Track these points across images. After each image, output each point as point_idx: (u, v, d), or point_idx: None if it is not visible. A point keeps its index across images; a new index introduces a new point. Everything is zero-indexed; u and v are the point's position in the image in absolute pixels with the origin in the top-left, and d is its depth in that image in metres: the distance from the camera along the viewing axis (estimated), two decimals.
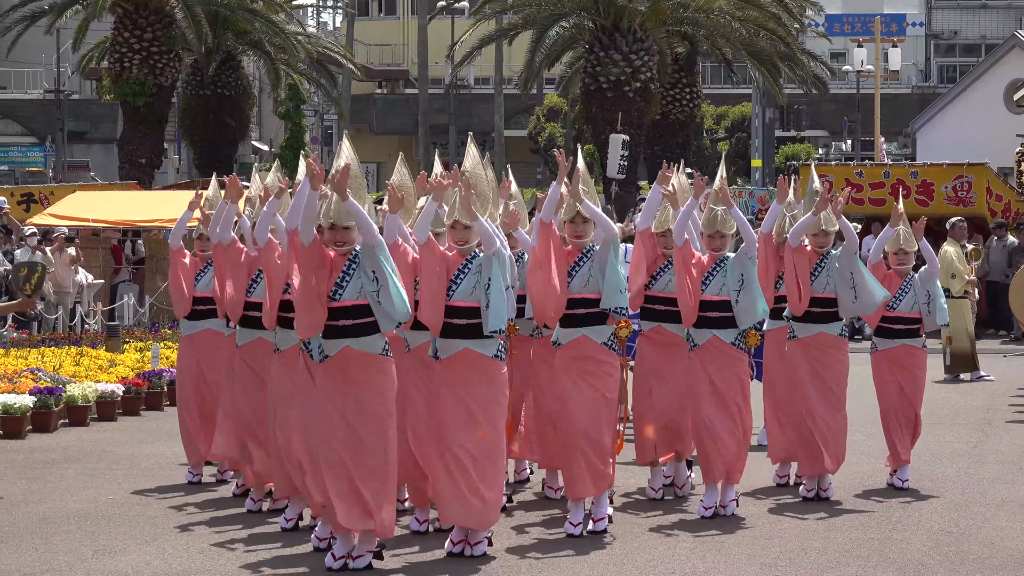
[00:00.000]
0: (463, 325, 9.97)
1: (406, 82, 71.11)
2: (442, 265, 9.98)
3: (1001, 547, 10.52)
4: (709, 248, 11.36)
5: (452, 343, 10.01)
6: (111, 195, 30.51)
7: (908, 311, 12.62)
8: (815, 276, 12.08)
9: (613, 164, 37.21)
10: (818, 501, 11.97)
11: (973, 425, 16.71)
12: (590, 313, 10.62)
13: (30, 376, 17.22)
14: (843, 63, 60.55)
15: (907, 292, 12.62)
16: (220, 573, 9.65)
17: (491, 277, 9.88)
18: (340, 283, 9.59)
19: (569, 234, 10.69)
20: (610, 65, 39.66)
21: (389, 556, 9.90)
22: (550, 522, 11.04)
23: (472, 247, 10.03)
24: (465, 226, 9.99)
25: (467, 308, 9.95)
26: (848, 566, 9.93)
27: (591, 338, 10.65)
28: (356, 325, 9.59)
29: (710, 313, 11.27)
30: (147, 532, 11.00)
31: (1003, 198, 31.05)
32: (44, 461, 14.31)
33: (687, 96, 43.75)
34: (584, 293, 10.61)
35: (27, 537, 10.80)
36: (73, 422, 16.67)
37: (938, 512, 11.78)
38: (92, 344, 21.35)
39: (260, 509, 11.58)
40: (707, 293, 11.27)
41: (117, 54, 40.37)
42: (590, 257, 10.64)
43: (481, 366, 10.01)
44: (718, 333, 11.30)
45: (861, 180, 31.60)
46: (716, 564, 9.96)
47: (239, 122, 44.36)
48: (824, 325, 12.11)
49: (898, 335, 12.68)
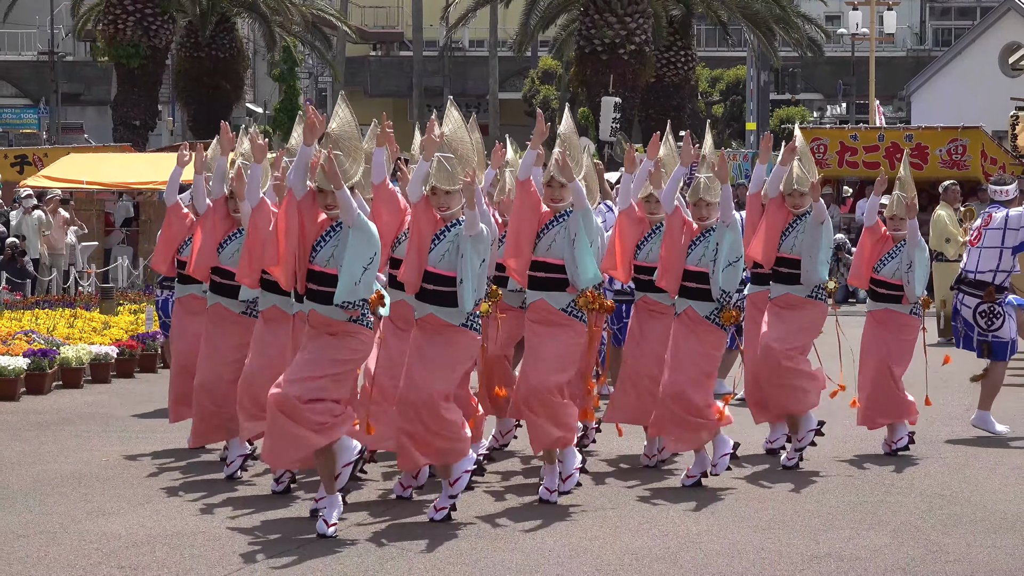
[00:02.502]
0: (430, 290, 9.94)
1: (400, 44, 70.98)
2: (429, 226, 9.93)
3: (993, 510, 10.52)
4: (695, 217, 11.23)
5: (422, 307, 10.00)
6: (105, 157, 30.49)
7: (890, 276, 12.53)
8: (784, 236, 12.01)
9: (605, 127, 37.25)
10: (810, 467, 11.95)
11: (967, 389, 16.70)
12: (548, 278, 10.60)
13: (24, 338, 17.21)
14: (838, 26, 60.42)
15: (893, 257, 12.54)
16: (212, 535, 9.65)
17: (466, 255, 9.83)
18: (316, 246, 9.60)
19: (546, 197, 10.65)
20: (604, 28, 39.58)
21: (368, 520, 9.91)
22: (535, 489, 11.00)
23: (453, 213, 9.95)
24: (446, 192, 9.93)
25: (434, 274, 9.91)
26: (842, 528, 9.93)
27: (549, 303, 10.62)
28: (320, 292, 9.60)
29: (689, 283, 11.18)
30: (140, 494, 10.99)
31: (997, 161, 31.03)
32: (38, 423, 14.30)
33: (682, 59, 43.69)
34: (546, 257, 10.57)
35: (20, 499, 10.80)
36: (67, 384, 16.67)
37: (931, 475, 11.79)
38: (86, 306, 21.35)
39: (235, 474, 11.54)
40: (688, 263, 11.16)
41: (111, 16, 40.29)
42: (561, 222, 10.57)
43: (442, 330, 9.96)
44: (693, 304, 11.19)
45: (856, 143, 31.58)
46: (709, 527, 9.96)
47: (233, 84, 44.30)
48: (790, 287, 12.03)
49: (883, 299, 12.63)
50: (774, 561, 9.08)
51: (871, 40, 48.50)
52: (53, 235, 26.28)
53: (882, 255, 12.54)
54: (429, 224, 9.96)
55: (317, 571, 8.79)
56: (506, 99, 64.95)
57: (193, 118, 44.33)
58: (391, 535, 9.68)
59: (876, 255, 12.55)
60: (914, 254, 12.39)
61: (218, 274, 11.71)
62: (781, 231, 12.03)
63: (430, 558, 9.11)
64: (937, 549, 9.41)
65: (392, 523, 9.98)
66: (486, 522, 10.01)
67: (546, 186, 10.65)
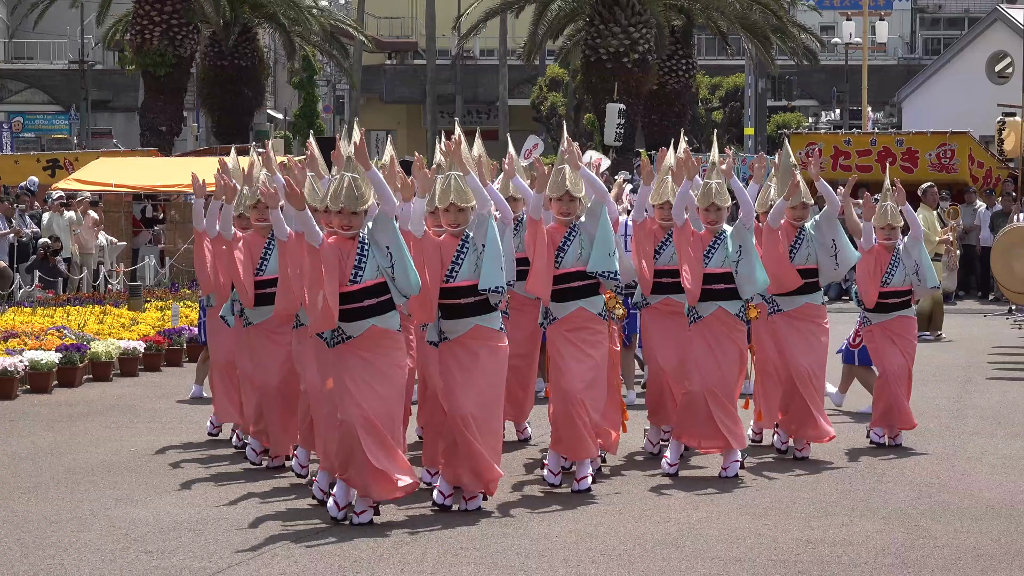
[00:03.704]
0: (470, 304, 9.89)
1: (414, 53, 70.92)
2: (437, 255, 9.88)
3: (980, 498, 10.52)
4: (705, 221, 11.12)
5: (462, 323, 9.90)
6: (133, 161, 30.52)
7: (900, 284, 12.44)
8: (796, 249, 11.85)
9: (610, 132, 37.25)
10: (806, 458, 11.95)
11: (954, 382, 16.72)
12: (585, 285, 10.56)
13: (56, 334, 17.25)
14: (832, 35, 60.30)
15: (897, 266, 12.42)
16: (234, 521, 9.67)
17: (485, 239, 9.79)
18: (358, 265, 9.54)
19: (556, 211, 10.57)
20: (609, 37, 39.55)
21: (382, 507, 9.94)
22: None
23: (464, 229, 9.92)
24: (459, 208, 9.87)
25: (472, 287, 9.85)
26: (835, 516, 9.93)
27: (587, 309, 10.58)
28: (380, 303, 9.57)
29: (715, 286, 11.07)
30: (166, 482, 11.01)
31: (984, 165, 31.06)
32: (69, 415, 14.33)
33: (683, 67, 43.62)
34: (578, 267, 10.52)
35: (53, 487, 10.83)
36: (97, 377, 16.70)
37: (921, 465, 11.79)
38: (115, 303, 21.40)
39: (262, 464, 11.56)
40: (710, 266, 11.06)
41: (139, 26, 40.31)
42: (577, 231, 10.55)
43: (488, 337, 9.93)
44: (723, 304, 11.13)
45: (849, 148, 31.58)
46: (709, 515, 9.96)
47: (255, 91, 44.29)
48: (807, 296, 11.91)
49: (893, 308, 12.50)
50: (770, 546, 9.09)
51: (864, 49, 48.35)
52: (83, 235, 26.31)
53: (885, 269, 12.44)
54: (439, 250, 9.89)
55: (335, 555, 8.81)
56: (515, 105, 64.86)
57: (216, 124, 44.33)
58: (405, 522, 9.70)
59: (880, 271, 12.43)
60: (915, 251, 12.40)
61: (259, 287, 11.51)
62: (790, 246, 11.92)
63: (443, 543, 9.13)
64: (926, 535, 9.42)
65: (405, 511, 10.00)
66: (496, 509, 10.03)
67: (556, 201, 10.58)
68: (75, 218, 26.28)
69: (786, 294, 11.85)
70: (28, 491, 10.67)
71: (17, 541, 9.15)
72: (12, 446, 12.54)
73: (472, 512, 9.87)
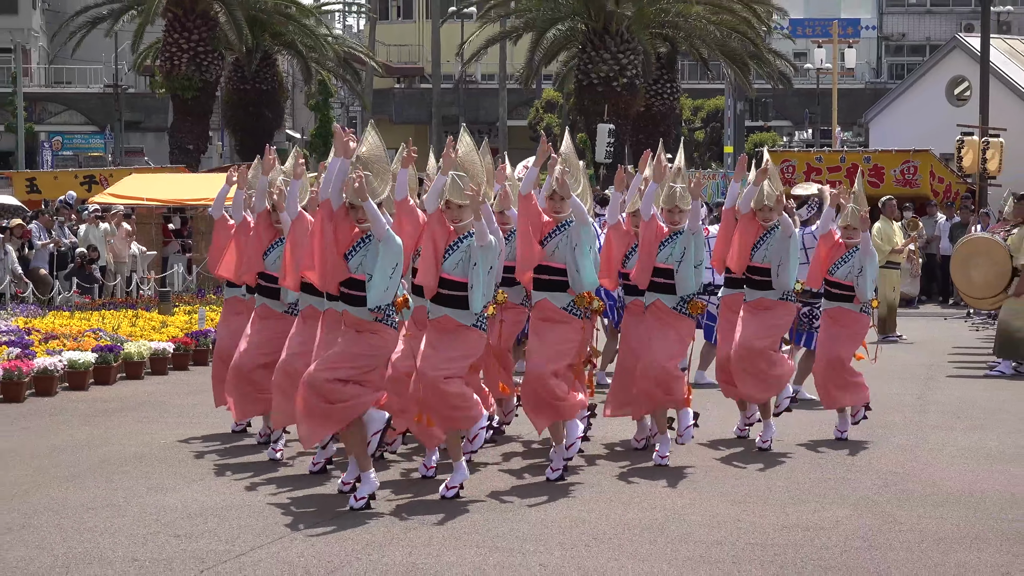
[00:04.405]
0: (444, 295, 9.92)
1: (421, 78, 70.95)
2: (443, 236, 9.94)
3: (941, 486, 10.52)
4: (668, 221, 11.27)
5: (437, 309, 9.97)
6: (162, 177, 30.51)
7: (843, 278, 12.46)
8: (756, 247, 11.96)
9: (601, 150, 37.32)
10: (779, 448, 11.95)
11: (917, 379, 16.72)
12: (552, 280, 10.59)
13: (92, 335, 17.24)
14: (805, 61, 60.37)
15: (846, 262, 12.47)
16: (256, 507, 9.66)
17: (478, 263, 9.84)
18: (348, 254, 9.60)
19: (548, 208, 10.66)
20: (600, 63, 39.55)
21: (393, 496, 9.93)
22: (538, 468, 11.02)
23: (465, 226, 9.94)
24: (458, 205, 9.94)
25: (449, 280, 9.90)
26: (808, 502, 9.93)
27: (552, 303, 10.62)
28: (351, 295, 9.61)
29: (656, 279, 11.21)
30: (193, 472, 11.01)
31: (944, 180, 31.07)
32: (104, 410, 14.32)
33: (668, 91, 43.61)
34: (549, 262, 10.57)
35: (90, 476, 10.82)
36: (130, 376, 16.69)
37: (886, 456, 11.78)
38: (146, 307, 21.38)
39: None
40: (657, 260, 11.20)
41: (168, 53, 40.32)
42: (564, 231, 10.57)
43: (454, 328, 9.94)
44: (661, 298, 11.23)
45: (820, 164, 31.57)
46: (692, 501, 9.96)
47: (275, 113, 44.28)
48: (763, 291, 11.99)
49: (836, 298, 12.56)
50: (748, 530, 9.09)
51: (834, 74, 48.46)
52: (117, 245, 26.30)
53: (836, 260, 12.48)
54: (443, 235, 9.95)
55: (349, 540, 8.80)
56: (514, 126, 64.89)
57: (239, 143, 44.32)
58: (413, 509, 9.69)
59: (830, 260, 12.47)
60: (865, 261, 12.35)
61: (263, 278, 11.75)
62: (753, 243, 12.01)
63: (448, 528, 9.13)
64: (891, 520, 9.41)
65: (413, 499, 9.99)
66: (495, 498, 10.02)
67: (548, 199, 10.67)
68: (109, 229, 26.28)
69: (746, 287, 11.97)
70: (67, 480, 10.67)
71: (57, 526, 9.15)
72: (52, 439, 12.54)
73: (474, 501, 9.86)
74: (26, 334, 17.24)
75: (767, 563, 8.32)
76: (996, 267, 17.57)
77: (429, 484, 10.40)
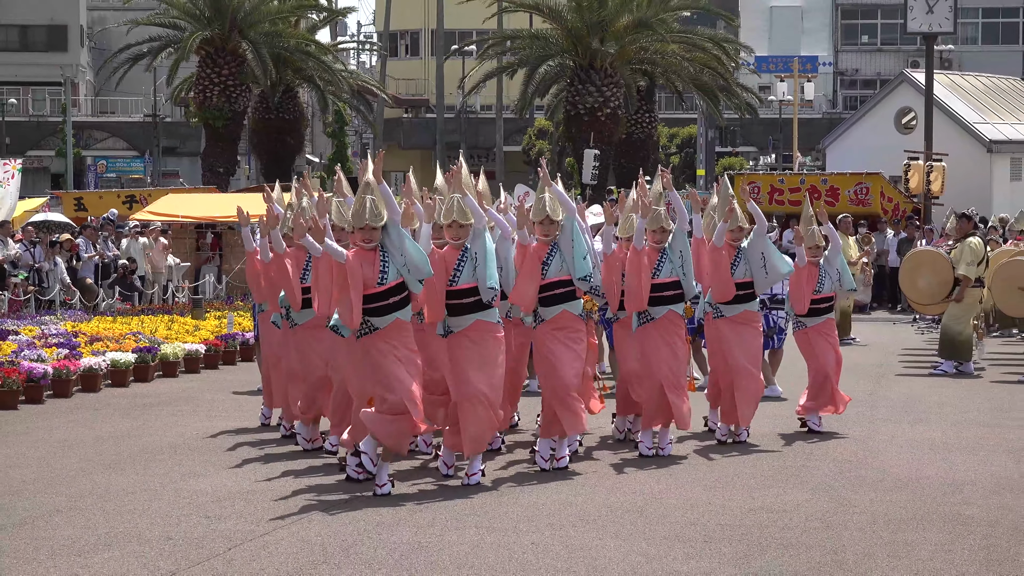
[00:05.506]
0: (470, 303, 9.89)
1: (427, 108, 70.89)
2: (443, 265, 9.90)
3: (890, 473, 10.51)
4: (652, 241, 11.16)
5: (463, 319, 9.88)
6: (196, 197, 30.49)
7: (829, 291, 12.52)
8: (735, 266, 11.82)
9: (587, 173, 37.34)
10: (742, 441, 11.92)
11: (869, 377, 16.71)
12: (566, 292, 10.53)
13: (132, 338, 17.22)
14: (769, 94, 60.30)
15: (825, 277, 12.50)
16: (278, 492, 9.65)
17: (482, 248, 9.80)
18: (383, 270, 9.52)
19: (539, 233, 10.53)
20: (586, 95, 39.57)
21: (399, 482, 9.90)
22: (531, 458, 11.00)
23: (464, 242, 9.92)
24: (460, 225, 9.90)
25: (471, 288, 9.88)
26: (772, 487, 9.92)
27: (569, 311, 10.56)
28: (401, 299, 9.57)
29: (665, 292, 11.10)
30: (223, 461, 10.99)
31: (893, 200, 31.14)
32: (143, 405, 14.30)
33: (647, 120, 43.60)
34: (560, 276, 10.49)
35: (130, 464, 10.80)
36: (166, 374, 16.67)
37: (842, 445, 11.77)
38: (180, 313, 21.35)
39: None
40: (661, 277, 11.11)
41: (201, 86, 40.30)
42: (557, 248, 10.51)
43: (487, 329, 9.93)
44: (672, 307, 11.18)
45: (783, 186, 31.64)
46: (668, 486, 9.95)
47: (296, 139, 44.23)
48: (746, 304, 11.90)
49: (823, 312, 12.55)
50: (719, 512, 9.07)
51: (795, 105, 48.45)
52: (155, 257, 26.25)
53: (816, 281, 12.49)
54: (443, 262, 9.89)
55: (361, 521, 8.79)
56: (509, 151, 64.82)
57: (264, 166, 44.24)
58: (418, 494, 9.68)
59: (812, 283, 12.47)
60: (835, 259, 12.45)
61: (305, 292, 11.52)
62: (730, 264, 11.85)
63: (450, 510, 9.11)
64: (846, 503, 9.40)
65: (418, 485, 9.98)
66: (492, 484, 10.01)
67: (538, 224, 10.57)
68: (148, 243, 26.22)
69: (727, 302, 11.84)
70: (109, 467, 10.65)
71: (100, 508, 9.13)
72: (96, 430, 12.52)
73: (472, 486, 9.85)
74: (73, 336, 17.23)
75: (735, 541, 8.31)
76: (939, 277, 17.57)
77: (431, 473, 10.37)
